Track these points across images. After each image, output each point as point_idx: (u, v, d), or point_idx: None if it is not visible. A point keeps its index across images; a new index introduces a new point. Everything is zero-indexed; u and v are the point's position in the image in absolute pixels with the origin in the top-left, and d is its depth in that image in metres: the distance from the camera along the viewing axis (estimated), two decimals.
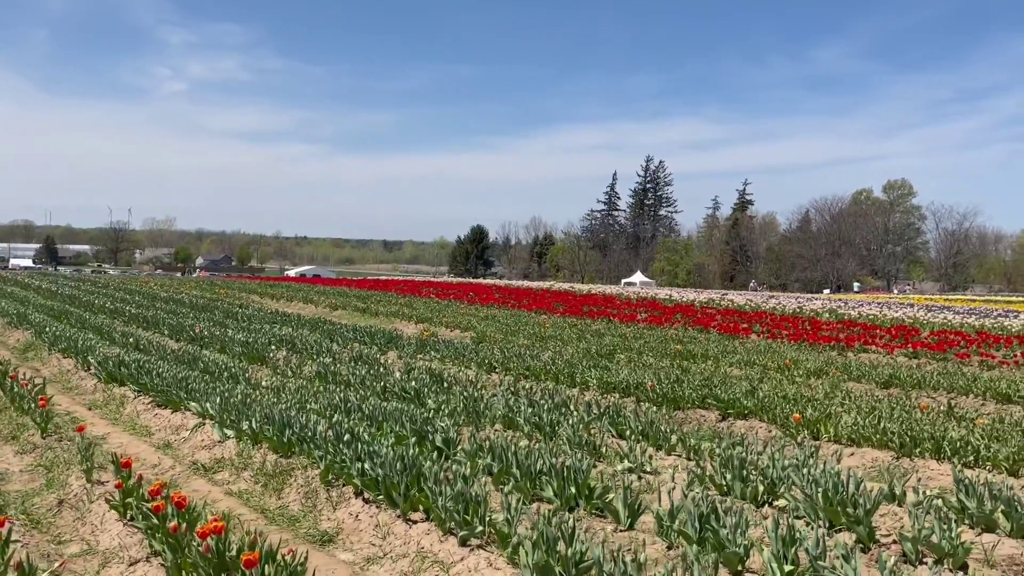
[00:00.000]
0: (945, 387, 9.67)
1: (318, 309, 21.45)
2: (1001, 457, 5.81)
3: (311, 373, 9.46)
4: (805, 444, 6.87)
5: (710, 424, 7.62)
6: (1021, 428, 7.26)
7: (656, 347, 13.51)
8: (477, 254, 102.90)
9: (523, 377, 9.75)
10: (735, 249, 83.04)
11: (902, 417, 7.21)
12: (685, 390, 8.01)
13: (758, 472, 5.04)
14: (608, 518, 4.53)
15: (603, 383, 8.74)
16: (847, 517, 4.40)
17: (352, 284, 31.46)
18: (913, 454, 6.28)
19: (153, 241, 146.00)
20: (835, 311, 22.40)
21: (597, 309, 21.80)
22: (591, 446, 6.03)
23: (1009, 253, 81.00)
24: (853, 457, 6.54)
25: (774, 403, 7.41)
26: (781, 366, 11.28)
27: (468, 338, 14.80)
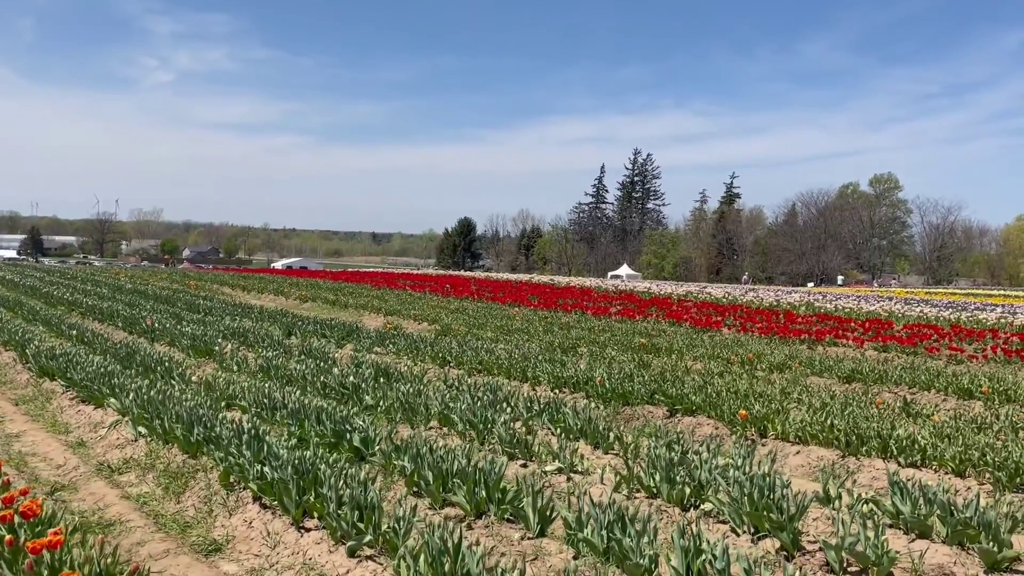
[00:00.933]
0: (907, 382, 9.47)
1: (288, 301, 21.09)
2: (948, 456, 5.59)
3: (256, 367, 9.15)
4: (745, 443, 6.64)
5: (657, 421, 7.38)
6: (976, 424, 7.07)
7: (622, 340, 13.28)
8: (464, 247, 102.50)
9: (476, 372, 9.48)
10: (721, 242, 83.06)
11: (854, 414, 6.98)
12: (634, 386, 7.76)
13: (686, 473, 4.78)
14: (520, 524, 4.26)
15: (555, 378, 8.48)
16: (770, 523, 4.16)
17: (330, 276, 31.07)
18: (859, 453, 6.05)
19: (140, 232, 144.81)
20: (812, 304, 22.25)
21: (572, 302, 21.55)
22: (523, 445, 5.76)
23: (994, 247, 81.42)
24: (799, 456, 6.32)
25: (723, 399, 7.17)
26: (744, 360, 11.06)
27: (432, 331, 14.52)
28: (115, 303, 15.87)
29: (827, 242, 77.68)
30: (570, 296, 23.73)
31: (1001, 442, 6.28)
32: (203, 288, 24.12)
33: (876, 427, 6.11)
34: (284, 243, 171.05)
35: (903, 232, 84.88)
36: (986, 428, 7.01)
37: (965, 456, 5.50)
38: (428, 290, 24.73)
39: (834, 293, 30.89)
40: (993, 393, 8.62)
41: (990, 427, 7.01)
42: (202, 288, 24.10)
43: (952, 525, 4.20)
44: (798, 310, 21.35)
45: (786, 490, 4.38)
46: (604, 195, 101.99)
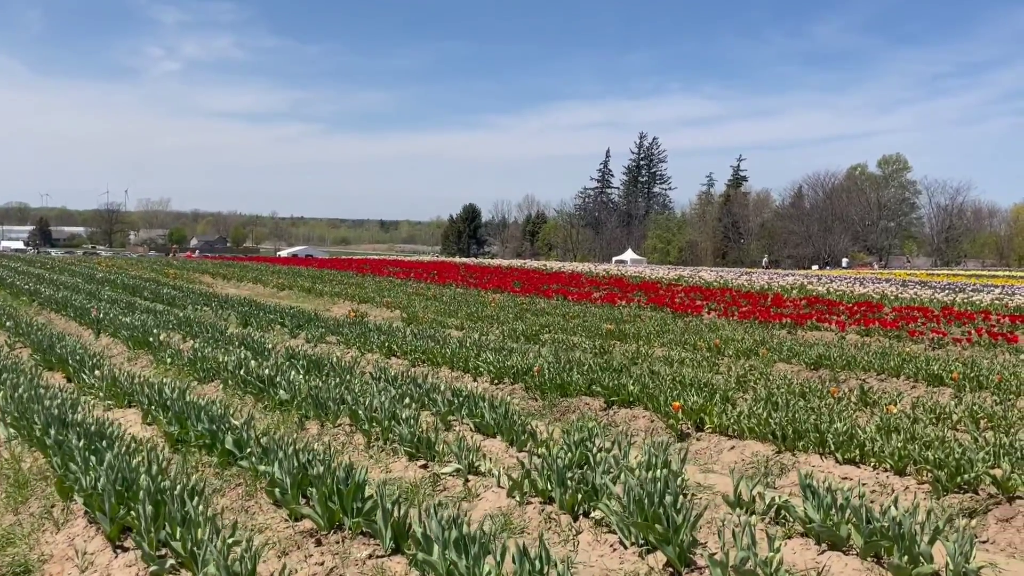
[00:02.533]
0: (876, 368, 8.93)
1: (266, 290, 20.71)
2: (887, 452, 5.07)
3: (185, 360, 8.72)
4: (673, 438, 6.16)
5: (594, 412, 6.90)
6: (935, 415, 6.55)
7: (592, 327, 12.77)
8: (469, 233, 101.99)
9: (420, 362, 9.02)
10: (727, 226, 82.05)
11: (797, 405, 6.47)
12: (573, 376, 7.27)
13: (579, 476, 4.30)
14: (377, 540, 3.80)
15: (496, 368, 8.01)
16: (655, 534, 3.67)
17: (316, 264, 30.68)
18: (796, 448, 5.55)
19: (148, 222, 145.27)
20: (804, 287, 21.64)
21: (556, 288, 21.04)
22: (427, 444, 5.30)
23: (1004, 228, 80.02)
24: (733, 451, 5.82)
25: (661, 390, 6.67)
26: (711, 346, 10.54)
27: (398, 319, 14.09)
28: (76, 293, 15.51)
29: (834, 224, 76.60)
30: (556, 282, 23.21)
31: (953, 435, 5.76)
32: (182, 277, 23.79)
33: (815, 420, 5.60)
34: (292, 231, 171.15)
35: (912, 214, 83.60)
36: (945, 418, 6.49)
37: (904, 452, 4.99)
38: (413, 277, 24.27)
39: (832, 276, 30.21)
40: (964, 379, 8.08)
41: (949, 417, 6.50)
42: (181, 277, 23.77)
43: (866, 535, 3.71)
44: (789, 293, 20.76)
45: (681, 496, 3.90)
46: (610, 180, 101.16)
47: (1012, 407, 6.81)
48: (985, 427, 6.30)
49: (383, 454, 5.50)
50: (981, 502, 4.58)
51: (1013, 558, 4.16)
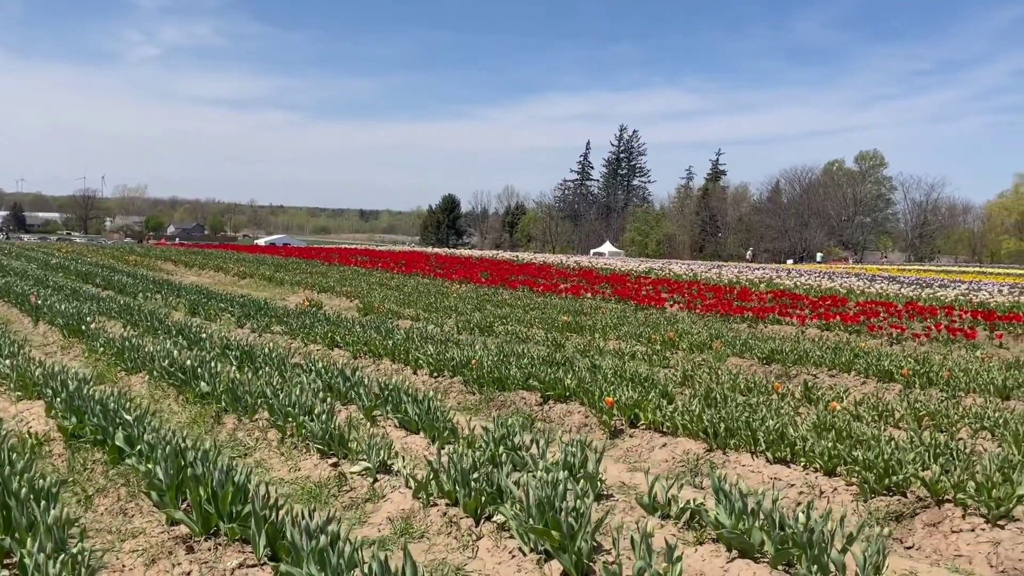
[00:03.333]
0: (828, 363, 8.78)
1: (227, 277, 20.27)
2: (816, 452, 4.88)
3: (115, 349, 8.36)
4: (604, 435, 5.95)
5: (530, 407, 6.66)
6: (878, 412, 6.38)
7: (551, 319, 12.54)
8: (449, 224, 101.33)
9: (361, 354, 8.73)
10: (704, 220, 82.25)
11: (734, 401, 6.28)
12: (511, 369, 7.02)
13: (483, 477, 4.05)
14: None
15: (436, 361, 7.74)
16: (551, 541, 3.44)
17: (283, 252, 30.19)
18: (727, 446, 5.34)
19: (124, 209, 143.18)
20: (771, 281, 21.58)
21: (524, 279, 20.80)
22: (339, 441, 5.02)
23: (977, 224, 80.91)
24: (664, 449, 5.61)
25: (598, 384, 6.44)
26: (665, 339, 10.35)
27: (354, 309, 13.77)
28: (24, 280, 15.00)
29: (810, 219, 77.02)
30: (525, 273, 22.97)
31: (891, 434, 5.59)
32: (143, 264, 23.24)
33: (746, 417, 5.39)
34: (271, 220, 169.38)
35: (887, 209, 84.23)
36: (887, 416, 6.33)
37: (834, 452, 4.80)
38: (380, 267, 23.90)
39: (802, 270, 30.25)
40: (914, 375, 7.94)
41: (891, 415, 6.34)
42: (142, 264, 23.22)
43: (776, 542, 3.50)
44: (757, 287, 20.68)
45: (587, 499, 3.66)
46: (590, 172, 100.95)
47: (958, 405, 6.67)
48: (927, 425, 6.15)
49: (295, 451, 5.22)
50: (909, 505, 4.40)
51: (937, 565, 3.98)
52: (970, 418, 6.10)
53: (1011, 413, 6.39)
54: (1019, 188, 72.21)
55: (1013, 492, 4.11)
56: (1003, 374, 7.97)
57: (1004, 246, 67.61)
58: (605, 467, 4.92)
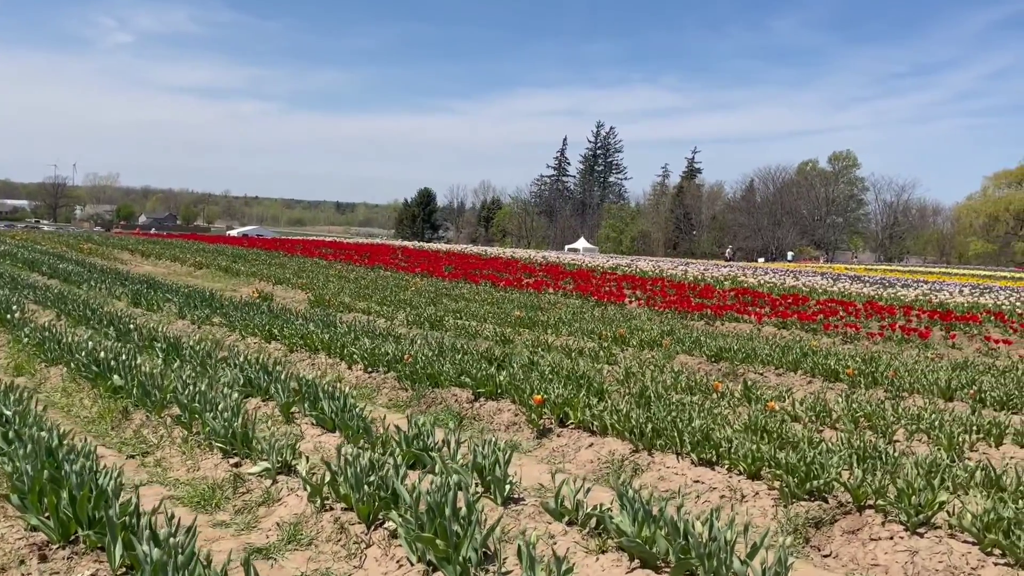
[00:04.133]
0: (775, 362, 8.65)
1: (183, 268, 19.78)
2: (740, 454, 4.70)
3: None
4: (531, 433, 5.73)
5: (461, 405, 6.42)
6: (815, 412, 6.23)
7: (505, 313, 12.31)
8: (424, 217, 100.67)
9: (297, 348, 8.42)
10: (679, 217, 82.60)
11: (678, 401, 6.10)
12: (444, 365, 6.77)
13: (377, 480, 3.80)
14: None
15: (371, 355, 7.47)
16: (435, 550, 3.20)
17: (256, 244, 29.63)
18: (654, 446, 5.15)
19: (95, 197, 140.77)
20: (735, 279, 21.56)
21: (488, 273, 20.55)
22: (243, 440, 4.75)
23: (948, 225, 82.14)
24: (591, 449, 5.40)
25: (529, 382, 6.22)
26: (616, 336, 10.18)
27: (305, 302, 13.44)
28: None
29: (783, 218, 77.67)
30: (490, 267, 22.73)
31: (822, 436, 5.45)
32: (98, 252, 22.63)
33: (673, 417, 5.21)
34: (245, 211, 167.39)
35: (859, 209, 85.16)
36: (824, 416, 6.18)
37: (758, 454, 4.62)
38: (343, 259, 23.51)
39: (768, 268, 30.34)
40: (859, 375, 7.83)
41: (829, 415, 6.19)
42: (97, 252, 22.60)
43: (678, 551, 3.29)
44: (722, 284, 20.63)
45: (476, 505, 3.42)
46: (566, 168, 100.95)
47: (897, 406, 6.55)
48: (863, 427, 6.01)
49: (197, 450, 4.93)
50: (829, 511, 4.23)
51: (854, 575, 3.81)
52: (907, 419, 5.97)
53: (950, 415, 6.29)
54: (987, 190, 73.39)
55: (934, 499, 3.95)
56: (948, 374, 7.89)
57: (972, 247, 68.67)
58: (519, 469, 4.71)
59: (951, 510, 3.90)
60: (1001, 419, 6.67)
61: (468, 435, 5.93)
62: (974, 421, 6.03)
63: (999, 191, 71.51)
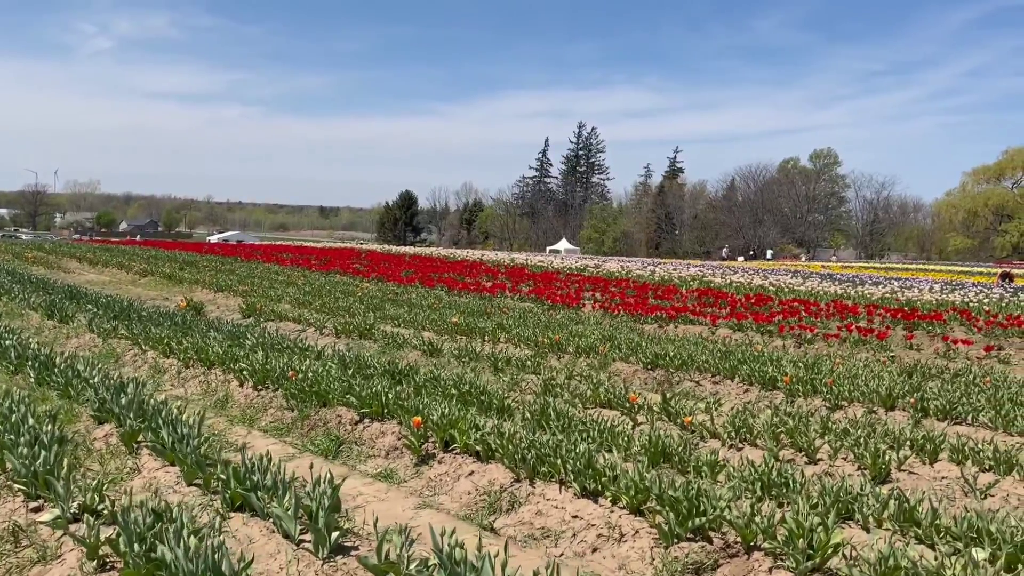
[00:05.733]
0: (712, 369, 8.07)
1: (128, 275, 19.03)
2: (622, 485, 4.09)
3: None
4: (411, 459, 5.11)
5: (345, 426, 5.78)
6: (734, 427, 5.64)
7: (444, 320, 11.67)
8: (406, 220, 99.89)
9: (193, 363, 7.75)
10: (660, 217, 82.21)
11: (580, 419, 5.49)
12: (332, 383, 6.12)
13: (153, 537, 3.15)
14: None
15: (261, 371, 6.81)
16: None
17: (214, 249, 28.81)
18: (538, 475, 4.53)
19: (75, 204, 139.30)
20: (702, 279, 21.03)
21: (448, 277, 19.91)
22: (43, 479, 4.08)
23: (928, 222, 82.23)
24: (471, 478, 4.77)
25: (420, 400, 5.59)
26: (553, 342, 9.57)
27: (238, 309, 12.77)
28: None
29: (764, 216, 77.43)
30: (452, 271, 22.08)
31: (738, 455, 4.85)
32: (45, 261, 21.82)
33: (556, 443, 4.59)
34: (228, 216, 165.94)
35: (841, 207, 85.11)
36: (743, 431, 5.59)
37: (641, 485, 4.01)
38: (301, 264, 22.79)
39: (739, 267, 29.87)
40: (797, 383, 7.25)
41: (749, 431, 5.60)
42: (43, 261, 21.80)
43: None
44: (688, 285, 20.09)
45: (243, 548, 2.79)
46: (548, 169, 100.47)
47: (828, 418, 5.98)
48: (784, 444, 5.43)
49: (3, 491, 4.26)
50: (713, 554, 3.63)
51: None
52: (833, 435, 5.39)
53: (882, 427, 5.72)
54: (966, 186, 73.49)
55: (827, 540, 3.35)
56: (893, 380, 7.33)
57: (952, 243, 68.67)
58: (380, 505, 4.08)
59: (848, 553, 3.31)
60: (944, 430, 6.12)
61: (341, 462, 5.32)
62: (908, 435, 5.47)
63: (978, 187, 71.60)
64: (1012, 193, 69.42)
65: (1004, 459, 4.94)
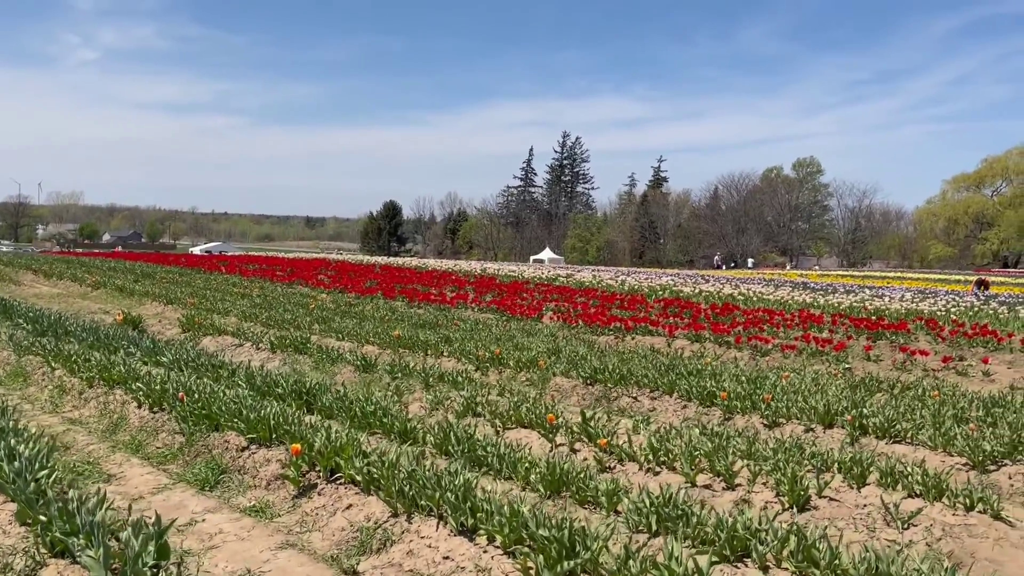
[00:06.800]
0: (650, 384, 7.67)
1: (80, 288, 18.46)
2: (496, 522, 3.66)
3: None
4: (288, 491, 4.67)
5: (231, 453, 5.33)
6: (652, 448, 5.22)
7: (387, 332, 11.23)
8: (390, 231, 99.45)
9: (96, 383, 7.26)
10: (644, 226, 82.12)
11: (482, 441, 5.07)
12: (224, 405, 5.67)
13: None
14: None
15: (154, 392, 6.34)
16: None
17: (178, 261, 28.22)
18: (417, 508, 4.10)
19: (58, 216, 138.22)
20: (672, 288, 20.70)
21: (412, 288, 19.48)
22: None
23: (911, 229, 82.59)
24: (349, 512, 4.34)
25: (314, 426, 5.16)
26: (493, 356, 9.15)
27: (177, 323, 12.28)
28: None
29: (747, 225, 77.49)
30: (419, 282, 21.65)
31: (655, 479, 4.45)
32: None
33: (441, 470, 4.17)
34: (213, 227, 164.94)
35: (824, 215, 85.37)
36: (660, 454, 5.18)
37: (514, 522, 3.59)
38: (265, 276, 22.28)
39: (714, 276, 29.60)
40: (734, 399, 6.86)
41: (667, 454, 5.19)
42: None
43: None
44: (657, 294, 19.74)
45: None
46: (533, 178, 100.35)
47: (755, 438, 5.59)
48: (700, 467, 5.02)
49: None
50: None
51: None
52: (753, 458, 4.99)
53: (811, 447, 5.33)
54: (947, 194, 73.84)
55: None
56: (836, 395, 6.96)
57: (932, 251, 68.87)
58: (229, 549, 3.63)
59: None
60: (880, 450, 5.76)
61: (218, 494, 4.87)
62: (837, 456, 5.08)
63: (958, 194, 71.96)
64: (992, 201, 69.79)
65: (934, 484, 4.56)
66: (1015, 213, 64.52)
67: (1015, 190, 67.78)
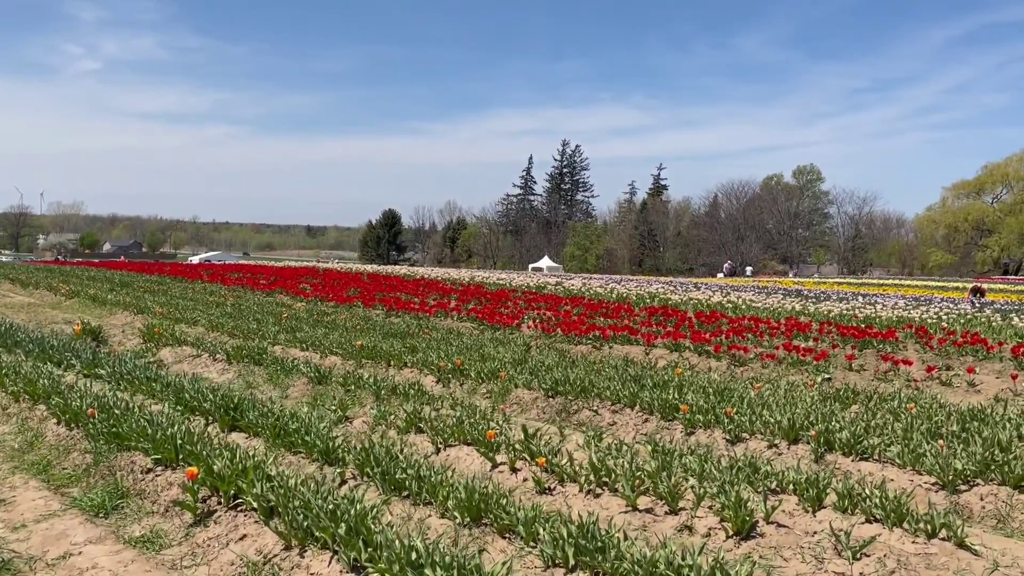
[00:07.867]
0: (611, 397, 7.25)
1: (54, 297, 18.11)
2: (384, 556, 3.24)
3: None
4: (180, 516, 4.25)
5: (135, 475, 4.92)
6: (593, 468, 4.81)
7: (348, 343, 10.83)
8: (389, 239, 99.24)
9: (23, 398, 6.86)
10: (644, 234, 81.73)
11: (409, 459, 4.65)
12: (134, 422, 5.26)
13: None
14: None
15: (76, 408, 5.94)
16: None
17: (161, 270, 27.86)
18: (310, 541, 3.69)
19: (59, 226, 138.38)
20: (660, 296, 20.27)
21: (393, 296, 19.08)
22: None
23: (911, 237, 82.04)
24: (241, 544, 3.92)
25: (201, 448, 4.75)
26: (455, 367, 8.74)
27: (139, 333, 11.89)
28: None
29: (747, 233, 77.04)
30: (404, 290, 21.25)
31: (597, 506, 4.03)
32: None
33: (340, 497, 3.76)
34: (214, 236, 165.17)
35: (824, 223, 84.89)
36: (602, 474, 4.76)
37: (407, 559, 3.17)
38: (247, 284, 21.89)
39: (703, 283, 29.17)
40: (695, 412, 6.44)
41: (610, 475, 4.77)
42: None
43: None
44: (646, 302, 19.31)
45: None
46: (532, 187, 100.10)
47: (709, 454, 5.17)
48: (642, 489, 4.60)
49: None
50: None
51: None
52: (700, 478, 4.57)
53: (766, 466, 4.91)
54: (946, 201, 73.31)
55: None
56: (805, 408, 6.54)
57: (932, 258, 68.30)
58: None
59: None
60: (846, 468, 5.34)
61: (112, 521, 4.46)
62: (792, 477, 4.65)
63: (958, 201, 71.44)
64: (992, 208, 69.26)
65: (894, 507, 4.13)
66: (1015, 220, 63.97)
67: (1015, 197, 67.25)
